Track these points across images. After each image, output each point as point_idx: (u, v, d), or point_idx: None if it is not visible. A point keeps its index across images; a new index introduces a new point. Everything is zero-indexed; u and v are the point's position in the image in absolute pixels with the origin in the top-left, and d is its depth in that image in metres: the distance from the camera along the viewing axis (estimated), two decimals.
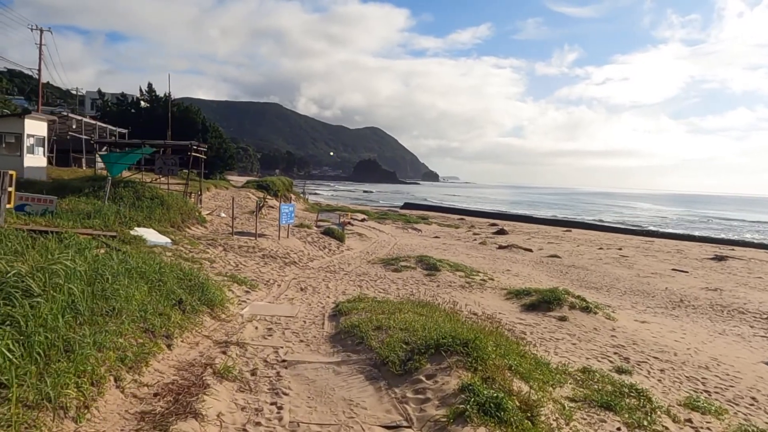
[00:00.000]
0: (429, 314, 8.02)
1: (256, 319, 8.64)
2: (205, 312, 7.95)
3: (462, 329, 6.07)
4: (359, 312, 8.24)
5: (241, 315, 8.76)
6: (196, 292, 8.07)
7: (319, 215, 35.37)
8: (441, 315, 8.25)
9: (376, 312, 7.95)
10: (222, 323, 8.06)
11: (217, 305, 8.44)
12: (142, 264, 7.64)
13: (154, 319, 6.29)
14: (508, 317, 13.57)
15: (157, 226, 16.25)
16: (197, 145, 22.85)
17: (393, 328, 6.84)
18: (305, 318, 9.11)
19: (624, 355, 11.37)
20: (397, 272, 18.44)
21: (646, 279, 26.30)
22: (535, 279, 22.76)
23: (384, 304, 8.97)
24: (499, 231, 46.00)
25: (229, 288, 10.48)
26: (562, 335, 12.34)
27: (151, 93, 50.80)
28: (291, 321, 8.77)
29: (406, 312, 7.86)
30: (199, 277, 8.72)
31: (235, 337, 7.31)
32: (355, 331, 7.35)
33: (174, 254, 13.13)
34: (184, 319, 7.11)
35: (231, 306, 8.99)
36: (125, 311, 5.82)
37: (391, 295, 14.02)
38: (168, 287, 7.46)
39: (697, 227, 76.07)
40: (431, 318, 7.49)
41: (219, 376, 5.53)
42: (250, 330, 7.87)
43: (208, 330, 7.54)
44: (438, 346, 5.46)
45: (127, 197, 17.76)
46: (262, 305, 9.85)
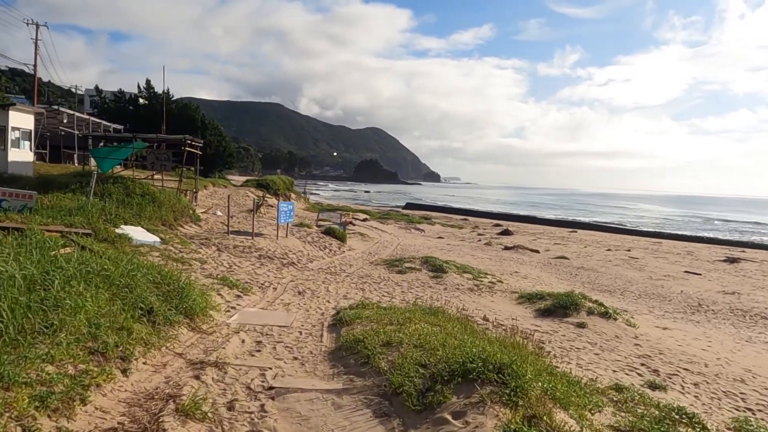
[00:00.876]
0: (442, 324, 7.00)
1: (245, 329, 7.59)
2: (183, 323, 6.80)
3: (492, 348, 5.00)
4: (363, 322, 7.15)
5: (228, 325, 7.75)
6: (173, 298, 6.92)
7: (319, 215, 34.40)
8: (456, 325, 7.26)
9: (383, 322, 6.84)
10: (202, 336, 6.93)
11: (199, 314, 7.30)
12: (109, 266, 6.57)
13: (108, 335, 5.06)
14: (522, 323, 12.56)
15: (146, 224, 15.28)
16: (191, 140, 21.80)
17: (405, 345, 5.74)
18: (301, 328, 8.09)
19: (652, 367, 10.38)
20: (402, 274, 17.45)
21: (659, 282, 25.31)
22: (544, 281, 21.76)
23: (391, 312, 7.92)
24: (504, 231, 44.99)
25: (218, 292, 9.43)
26: (582, 344, 11.34)
27: (149, 90, 49.81)
28: (285, 332, 7.71)
29: (417, 322, 6.78)
30: (179, 280, 7.57)
31: (215, 354, 6.18)
32: (359, 347, 6.20)
33: (162, 254, 12.14)
34: (152, 333, 5.96)
35: (216, 314, 8.01)
36: (68, 327, 4.67)
37: (396, 299, 13.03)
38: (137, 294, 6.30)
39: (704, 229, 74.99)
40: (446, 329, 6.49)
41: (183, 414, 4.32)
42: (235, 344, 6.77)
43: (184, 346, 6.41)
44: (465, 373, 4.36)
45: (116, 194, 16.77)
46: (254, 312, 8.87)
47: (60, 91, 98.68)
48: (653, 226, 74.21)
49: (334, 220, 32.06)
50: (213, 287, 9.57)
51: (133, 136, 21.56)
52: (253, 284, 11.47)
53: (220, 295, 9.23)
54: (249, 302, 9.53)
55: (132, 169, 24.40)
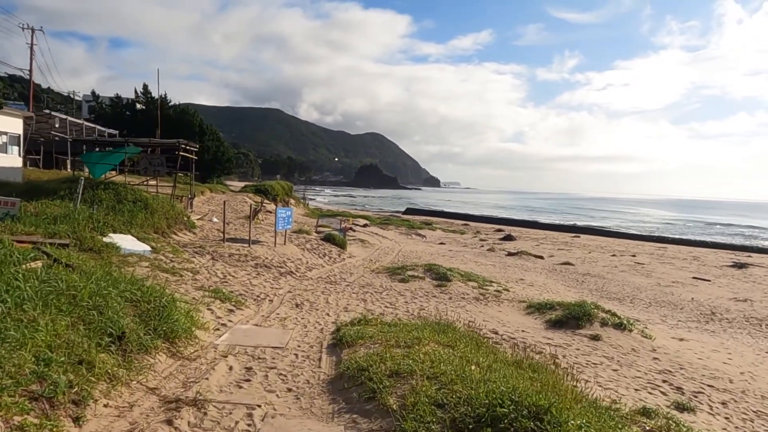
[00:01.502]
0: (454, 343, 6.30)
1: (234, 352, 6.77)
2: (161, 348, 5.92)
3: (523, 384, 4.27)
4: (366, 342, 6.35)
5: (216, 347, 6.93)
6: (152, 319, 6.08)
7: (319, 220, 33.72)
8: (469, 344, 6.56)
9: (389, 344, 6.09)
10: (184, 363, 6.02)
11: (182, 336, 6.42)
12: (78, 283, 5.80)
13: (59, 373, 4.08)
14: (533, 336, 11.89)
15: (137, 232, 14.60)
16: (186, 144, 21.09)
17: (416, 375, 4.95)
18: (298, 349, 7.26)
19: (675, 384, 9.69)
20: (404, 283, 16.76)
21: (668, 288, 24.64)
22: (551, 289, 21.08)
23: (396, 329, 7.18)
24: (507, 237, 44.32)
25: (209, 306, 8.70)
26: (598, 359, 10.65)
27: (146, 94, 49.25)
28: (279, 354, 6.89)
29: (426, 343, 6.05)
30: (161, 297, 6.74)
31: (196, 388, 5.26)
32: (362, 376, 5.34)
33: (151, 264, 11.46)
34: (120, 365, 5.05)
35: (204, 334, 7.24)
36: (6, 366, 3.71)
37: (399, 311, 12.34)
38: (108, 316, 5.41)
39: (707, 233, 74.29)
40: (460, 351, 5.79)
41: None
42: (221, 372, 5.90)
43: (160, 377, 5.48)
44: (494, 420, 3.57)
45: (107, 200, 16.09)
46: (246, 330, 8.09)
47: (59, 98, 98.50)
48: (656, 230, 73.51)
49: (334, 226, 31.39)
50: (203, 301, 8.84)
51: (125, 140, 20.82)
52: (247, 296, 10.75)
53: (210, 310, 8.50)
54: (242, 317, 8.78)
55: (125, 174, 23.66)
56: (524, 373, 5.15)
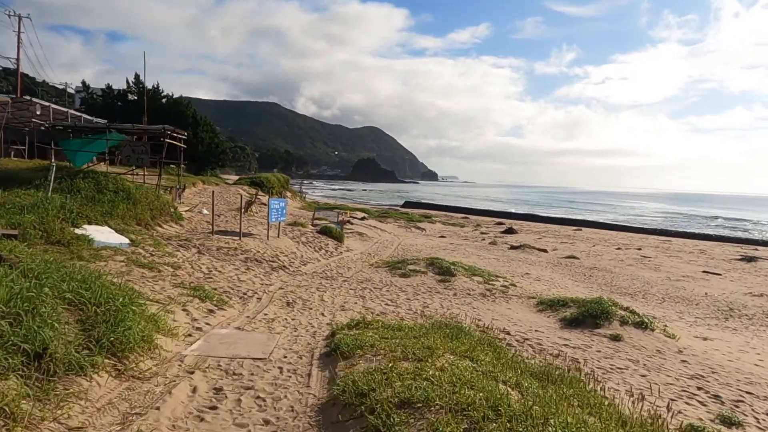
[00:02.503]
0: (472, 353, 5.20)
1: (204, 366, 5.49)
2: (104, 365, 4.54)
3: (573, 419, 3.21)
4: (366, 353, 5.25)
5: (182, 359, 5.63)
6: (99, 326, 4.80)
7: (315, 213, 32.58)
8: (488, 350, 5.51)
9: (394, 354, 4.97)
10: (133, 385, 4.66)
11: (137, 347, 5.08)
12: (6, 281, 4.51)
13: None
14: (548, 337, 10.84)
15: (117, 223, 13.49)
16: (172, 131, 19.82)
17: (434, 406, 3.72)
18: (284, 360, 6.03)
19: (711, 392, 8.65)
20: (406, 278, 15.70)
21: (679, 283, 23.64)
22: (559, 284, 20.04)
23: (401, 334, 6.06)
24: (508, 230, 43.26)
25: (184, 307, 7.60)
26: (623, 362, 9.60)
27: (138, 85, 47.94)
28: (260, 368, 5.65)
29: (440, 353, 4.91)
30: (116, 298, 5.44)
31: (138, 424, 3.98)
32: (363, 405, 4.07)
33: (128, 259, 10.36)
34: (30, 395, 3.66)
35: (169, 343, 5.99)
36: None
37: (401, 309, 11.28)
38: (26, 326, 4.01)
39: (709, 226, 73.38)
40: (484, 365, 4.72)
41: None
42: (180, 397, 4.54)
43: (93, 407, 4.07)
44: None
45: (86, 189, 14.96)
46: (225, 336, 6.83)
47: (54, 91, 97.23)
48: (658, 223, 72.57)
49: (331, 219, 30.26)
50: (179, 300, 7.73)
51: (107, 126, 19.55)
52: (233, 294, 9.66)
53: (186, 311, 7.38)
54: (223, 319, 7.66)
55: (107, 163, 22.36)
56: (561, 389, 4.04)
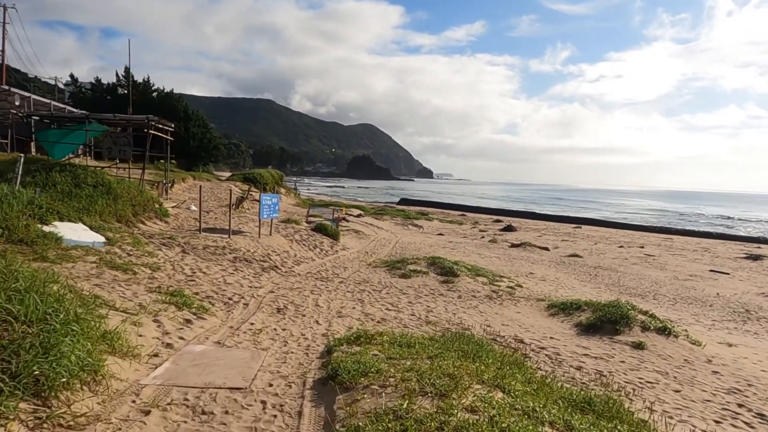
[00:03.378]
0: (503, 379, 4.20)
1: (166, 402, 4.30)
2: (19, 413, 3.29)
3: None
4: (372, 381, 4.06)
5: (139, 391, 4.43)
6: (23, 354, 3.56)
7: (310, 210, 31.54)
8: (517, 374, 4.52)
9: (408, 386, 3.76)
10: None
11: (74, 380, 3.83)
12: None
13: None
14: (565, 345, 9.87)
15: (94, 220, 12.42)
16: (157, 121, 18.60)
17: None
18: (268, 389, 4.83)
19: (754, 409, 7.69)
20: (406, 279, 14.70)
21: (688, 283, 22.76)
22: (565, 284, 19.11)
23: (411, 352, 5.00)
24: (507, 228, 42.34)
25: (156, 317, 6.54)
26: (651, 374, 8.63)
27: (130, 80, 46.65)
28: (238, 403, 4.46)
29: (466, 385, 3.87)
30: (56, 313, 4.18)
31: None
32: None
33: (100, 259, 9.31)
34: None
35: (127, 368, 4.76)
36: None
37: (403, 314, 10.28)
38: None
39: (708, 224, 72.74)
40: (518, 394, 3.75)
41: None
42: None
43: None
44: None
45: (62, 183, 13.88)
46: (199, 355, 5.63)
47: (47, 87, 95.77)
48: (656, 221, 71.87)
49: (326, 216, 29.23)
50: (151, 309, 6.66)
51: (86, 116, 18.32)
52: (216, 300, 8.60)
53: (157, 322, 6.30)
54: (201, 332, 6.55)
55: (86, 157, 21.15)
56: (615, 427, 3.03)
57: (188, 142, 44.21)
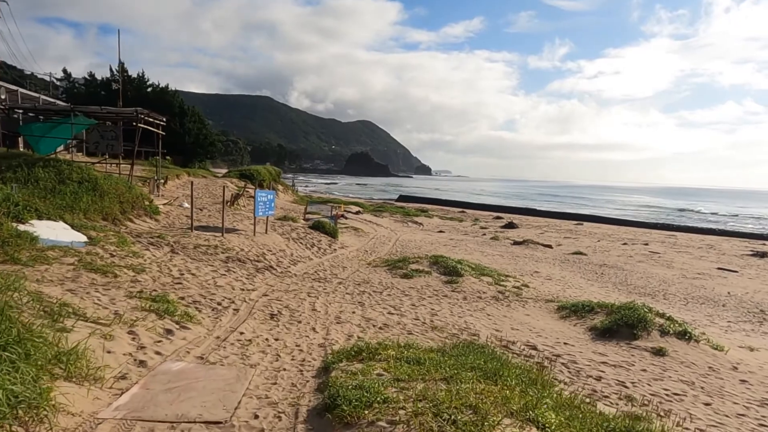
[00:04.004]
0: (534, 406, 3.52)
1: None
2: None
3: None
4: (379, 416, 3.28)
5: (92, 428, 3.62)
6: None
7: (308, 207, 30.81)
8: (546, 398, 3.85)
9: (424, 423, 3.12)
10: None
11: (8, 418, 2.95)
12: None
13: None
14: (581, 352, 9.18)
15: (77, 218, 11.71)
16: (147, 114, 17.77)
17: None
18: (253, 421, 3.98)
19: None
20: (408, 279, 14.02)
21: (696, 281, 22.11)
22: (572, 283, 18.44)
23: (423, 372, 4.30)
24: (509, 225, 41.65)
25: (132, 328, 5.74)
26: (677, 385, 7.95)
27: (123, 73, 45.81)
28: None
29: (492, 419, 3.18)
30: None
31: None
32: None
33: (79, 261, 8.59)
34: None
35: (85, 396, 3.89)
36: None
37: (406, 319, 9.58)
38: None
39: (710, 220, 72.17)
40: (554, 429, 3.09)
41: None
42: None
43: None
44: None
45: (45, 180, 13.16)
46: (176, 375, 4.78)
47: (43, 83, 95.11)
48: (656, 218, 71.26)
49: (324, 213, 28.53)
50: (126, 319, 5.92)
51: (71, 108, 17.47)
52: (204, 305, 7.89)
53: (131, 334, 5.54)
54: (183, 344, 5.79)
55: (71, 153, 20.27)
56: None
57: (183, 137, 43.43)
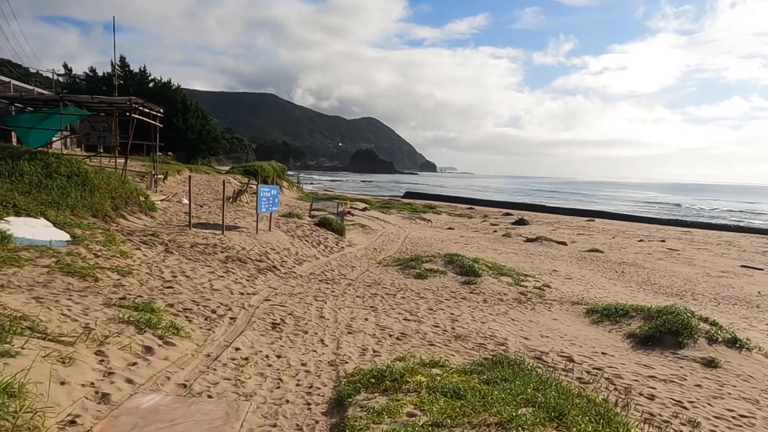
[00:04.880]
0: None
1: None
2: None
3: None
4: None
5: None
6: None
7: (313, 203, 29.81)
8: None
9: None
10: None
11: None
12: None
13: None
14: (624, 364, 8.12)
15: (62, 215, 10.74)
16: (142, 104, 16.68)
17: None
18: None
19: None
20: (422, 279, 12.99)
21: (722, 280, 20.99)
22: (594, 283, 17.37)
23: (464, 408, 3.28)
24: (519, 221, 40.54)
25: (101, 347, 4.52)
26: (739, 404, 6.89)
27: (124, 68, 44.94)
28: None
29: None
30: None
31: None
32: None
33: (57, 262, 7.61)
34: None
35: None
36: None
37: (425, 326, 8.55)
38: None
39: (721, 216, 70.78)
40: None
41: None
42: None
43: None
44: None
45: (31, 174, 12.19)
46: (144, 414, 3.73)
47: (48, 82, 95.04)
48: (667, 214, 69.92)
49: (330, 210, 27.51)
50: (95, 335, 4.82)
51: (60, 96, 16.33)
52: (196, 313, 6.88)
53: (99, 355, 4.45)
54: (164, 366, 4.62)
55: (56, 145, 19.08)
56: None
57: (186, 133, 42.51)
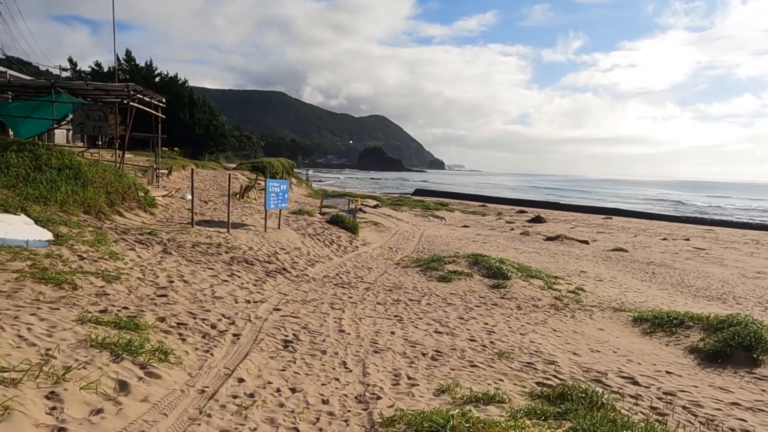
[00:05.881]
0: None
1: None
2: None
3: None
4: None
5: None
6: None
7: (323, 200, 28.69)
8: None
9: None
10: None
11: None
12: None
13: None
14: (696, 386, 6.90)
15: (49, 210, 9.66)
16: (142, 91, 15.53)
17: None
18: None
19: None
20: (447, 282, 11.80)
21: (761, 281, 19.64)
22: (627, 285, 16.11)
23: None
24: (536, 219, 39.20)
25: (55, 385, 3.45)
26: None
27: (130, 62, 44.01)
28: None
29: None
30: None
31: None
32: None
33: (32, 266, 6.51)
34: None
35: None
36: None
37: (459, 339, 7.36)
38: None
39: (738, 215, 68.99)
40: None
41: None
42: None
43: None
44: None
45: (18, 166, 11.13)
46: None
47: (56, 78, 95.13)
48: (682, 211, 68.26)
49: (341, 207, 26.37)
50: (51, 369, 3.58)
51: (51, 83, 15.18)
52: (192, 328, 5.71)
53: (49, 399, 3.19)
54: (141, 411, 3.25)
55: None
56: None
57: (193, 128, 41.52)
